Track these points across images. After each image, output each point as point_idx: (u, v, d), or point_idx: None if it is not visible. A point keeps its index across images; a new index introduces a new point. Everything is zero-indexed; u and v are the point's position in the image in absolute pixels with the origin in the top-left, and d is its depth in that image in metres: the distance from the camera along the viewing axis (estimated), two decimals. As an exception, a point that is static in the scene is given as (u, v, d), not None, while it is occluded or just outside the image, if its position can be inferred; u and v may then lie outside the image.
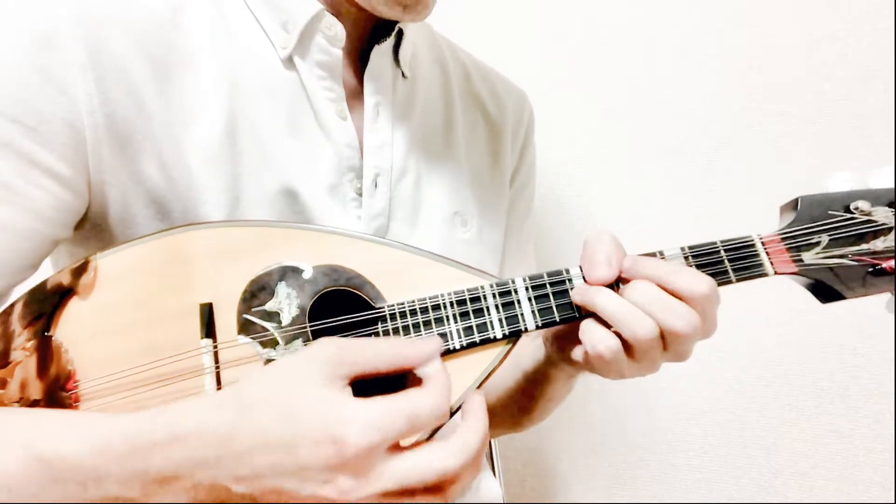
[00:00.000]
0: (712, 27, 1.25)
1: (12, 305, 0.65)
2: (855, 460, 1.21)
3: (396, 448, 0.54)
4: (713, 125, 1.25)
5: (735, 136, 1.24)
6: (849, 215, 0.66)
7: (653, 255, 0.67)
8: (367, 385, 0.56)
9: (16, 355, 0.64)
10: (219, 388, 0.64)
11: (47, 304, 0.65)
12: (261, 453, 0.53)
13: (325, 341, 0.58)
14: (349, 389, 0.55)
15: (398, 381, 0.59)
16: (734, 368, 1.25)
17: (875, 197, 0.66)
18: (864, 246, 0.65)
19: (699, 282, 0.63)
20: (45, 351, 0.64)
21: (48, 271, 0.69)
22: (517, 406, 0.90)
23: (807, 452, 1.23)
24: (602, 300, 0.65)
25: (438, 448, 0.54)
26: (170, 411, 0.56)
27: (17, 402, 0.63)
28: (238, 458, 0.53)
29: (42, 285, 0.66)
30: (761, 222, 0.71)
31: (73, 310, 0.65)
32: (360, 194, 0.81)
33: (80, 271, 0.66)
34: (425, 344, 0.59)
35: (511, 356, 0.85)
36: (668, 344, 0.64)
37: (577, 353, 0.70)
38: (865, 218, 0.65)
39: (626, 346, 0.65)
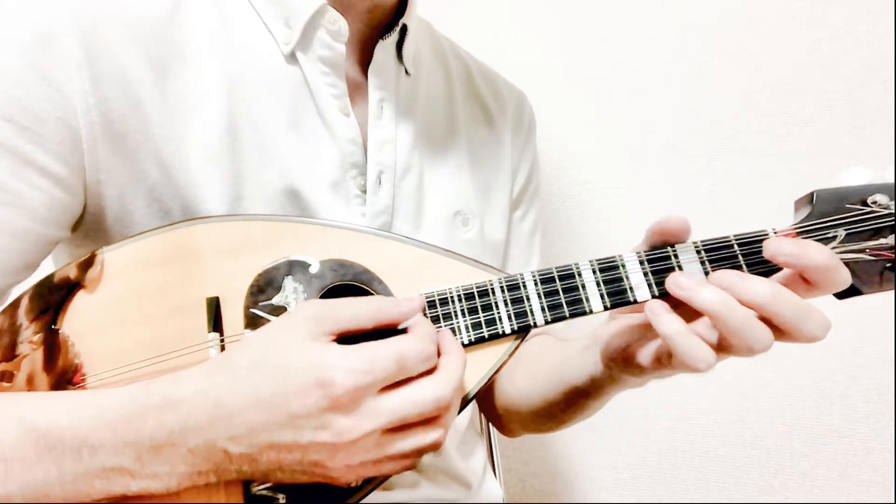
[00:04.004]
0: (712, 27, 1.25)
1: (18, 299, 0.65)
2: (855, 460, 1.21)
3: (387, 388, 0.55)
4: (713, 125, 1.26)
5: (735, 135, 1.25)
6: (867, 209, 0.64)
7: (664, 250, 0.66)
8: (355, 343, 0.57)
9: (22, 348, 0.63)
10: None
11: (54, 297, 0.65)
12: (251, 411, 0.54)
13: (306, 303, 0.60)
14: (334, 343, 0.56)
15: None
16: (734, 368, 1.24)
17: (893, 190, 0.64)
18: (882, 240, 0.63)
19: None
20: (53, 344, 0.64)
21: (48, 271, 0.68)
22: (559, 414, 0.88)
23: (807, 452, 1.24)
24: (711, 303, 0.59)
25: (427, 380, 0.57)
26: (163, 380, 0.57)
27: None
28: (230, 419, 0.54)
29: (48, 279, 0.65)
30: (762, 221, 0.71)
31: (80, 303, 0.65)
32: (364, 191, 0.80)
33: (86, 265, 0.65)
34: (408, 300, 0.62)
35: (554, 367, 0.84)
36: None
37: (645, 358, 0.67)
38: (884, 212, 0.63)
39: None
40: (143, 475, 0.54)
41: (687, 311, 0.62)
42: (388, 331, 0.60)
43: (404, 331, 0.61)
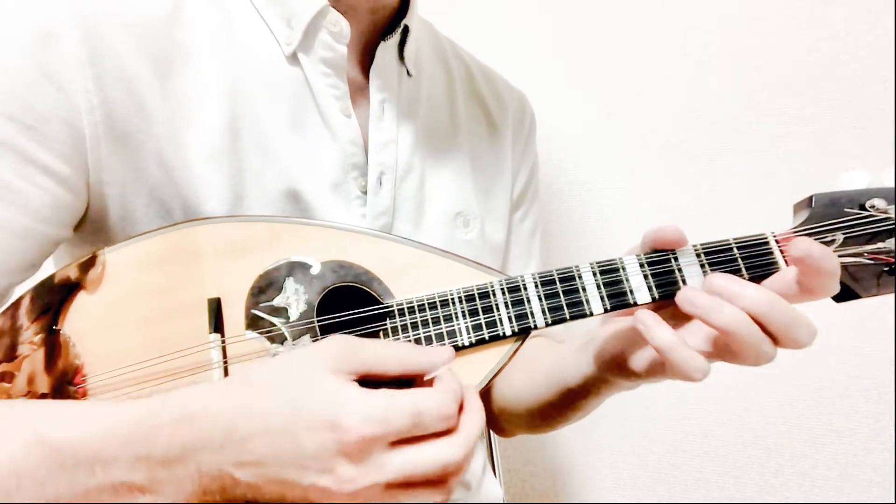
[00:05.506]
0: (712, 27, 1.25)
1: (19, 299, 0.65)
2: (855, 460, 1.21)
3: (399, 442, 0.54)
4: (713, 125, 1.25)
5: (735, 135, 1.24)
6: (865, 213, 0.64)
7: (664, 253, 0.67)
8: (375, 387, 0.56)
9: (23, 349, 0.63)
10: None
11: (55, 298, 0.64)
12: (262, 438, 0.53)
13: (336, 336, 0.59)
14: (355, 383, 0.55)
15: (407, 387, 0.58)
16: (734, 368, 1.24)
17: (891, 194, 0.65)
18: (880, 244, 0.63)
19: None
20: (53, 345, 0.64)
21: (50, 271, 0.68)
22: (554, 414, 0.88)
23: (807, 452, 1.23)
24: (727, 318, 0.59)
25: (440, 443, 0.55)
26: (180, 393, 0.56)
27: (25, 395, 0.63)
28: (241, 443, 0.53)
29: (49, 279, 0.65)
30: (762, 221, 0.71)
31: (81, 304, 0.65)
32: (365, 192, 0.80)
33: (87, 266, 0.65)
34: (438, 351, 0.60)
35: (550, 368, 0.84)
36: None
37: (639, 364, 0.67)
38: (882, 216, 0.64)
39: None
40: (151, 491, 0.54)
41: (675, 313, 0.63)
42: None
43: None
